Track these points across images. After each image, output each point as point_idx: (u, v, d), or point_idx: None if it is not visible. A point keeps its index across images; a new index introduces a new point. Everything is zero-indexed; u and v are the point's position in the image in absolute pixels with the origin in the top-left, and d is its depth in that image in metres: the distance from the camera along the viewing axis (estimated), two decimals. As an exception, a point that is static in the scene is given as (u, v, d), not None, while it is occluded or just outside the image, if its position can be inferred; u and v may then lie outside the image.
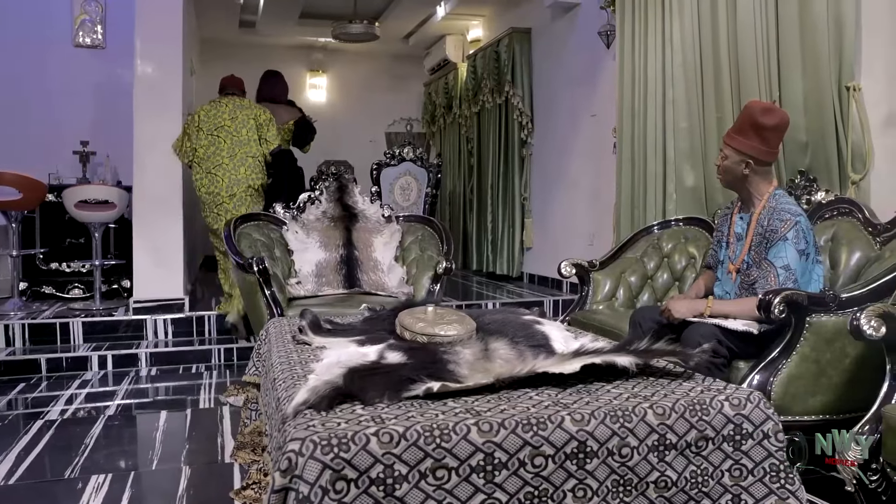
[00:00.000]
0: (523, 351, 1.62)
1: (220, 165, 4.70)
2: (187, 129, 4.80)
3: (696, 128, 4.03)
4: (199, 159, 4.74)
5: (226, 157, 4.71)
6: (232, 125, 4.76)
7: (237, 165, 4.73)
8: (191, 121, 4.81)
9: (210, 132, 4.73)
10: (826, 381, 2.35)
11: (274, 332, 2.29)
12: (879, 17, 3.10)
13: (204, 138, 4.73)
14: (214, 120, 4.75)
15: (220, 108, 4.81)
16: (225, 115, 4.78)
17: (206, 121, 4.75)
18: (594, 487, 1.25)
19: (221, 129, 4.74)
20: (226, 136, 4.73)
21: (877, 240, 2.77)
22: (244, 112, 4.83)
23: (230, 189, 4.71)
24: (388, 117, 9.43)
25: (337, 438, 1.18)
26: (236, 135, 4.75)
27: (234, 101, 4.88)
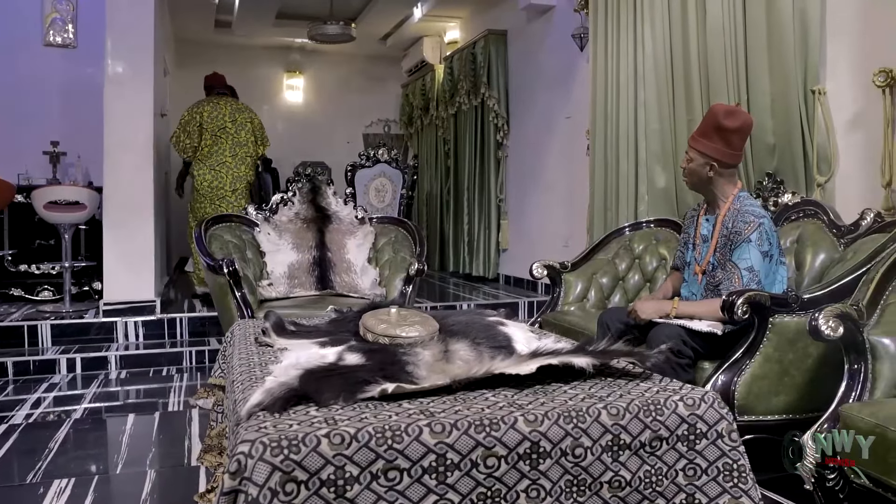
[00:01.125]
0: (484, 352, 1.62)
1: (224, 163, 5.30)
2: (187, 126, 5.25)
3: (667, 129, 4.06)
4: (202, 157, 5.29)
5: (228, 155, 5.31)
6: (232, 127, 5.32)
7: (238, 164, 5.35)
8: (190, 119, 5.25)
9: (213, 133, 5.27)
10: (789, 381, 2.38)
11: (238, 334, 2.27)
12: (843, 22, 3.15)
13: (208, 138, 5.26)
14: (216, 122, 5.28)
15: (221, 111, 5.33)
16: (226, 118, 5.32)
17: (208, 122, 5.26)
18: (547, 488, 1.25)
19: (223, 130, 5.29)
20: (227, 136, 5.30)
21: (841, 241, 2.81)
22: (242, 115, 5.39)
23: (233, 185, 5.33)
24: (365, 118, 9.42)
25: (287, 440, 1.17)
26: (236, 136, 5.32)
27: (231, 103, 5.42)
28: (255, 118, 5.48)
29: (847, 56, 3.14)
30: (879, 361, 1.93)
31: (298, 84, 9.20)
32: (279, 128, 9.25)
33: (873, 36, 3.00)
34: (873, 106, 2.98)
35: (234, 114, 5.34)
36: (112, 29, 4.72)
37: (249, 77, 8.89)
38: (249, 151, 5.40)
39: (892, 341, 1.95)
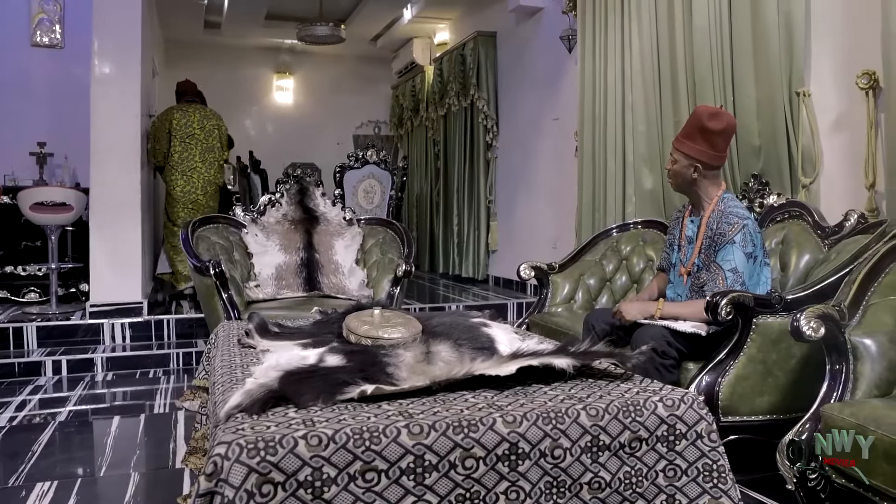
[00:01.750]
0: (465, 354, 1.62)
1: (195, 169, 5.49)
2: (156, 133, 5.42)
3: (653, 131, 4.07)
4: (173, 162, 5.43)
5: (198, 161, 5.50)
6: (201, 134, 5.51)
7: (208, 168, 5.56)
8: (160, 126, 5.43)
9: (182, 139, 5.44)
10: (773, 382, 2.39)
11: (223, 336, 2.27)
12: (827, 25, 3.17)
13: (178, 144, 5.43)
14: (186, 129, 5.45)
15: (190, 117, 5.50)
16: (195, 125, 5.49)
17: (178, 129, 5.43)
18: (527, 489, 1.25)
19: (192, 136, 5.47)
20: (196, 143, 5.49)
21: (825, 242, 2.82)
22: (210, 122, 5.59)
23: (205, 188, 5.55)
24: (355, 120, 9.41)
25: (264, 442, 1.17)
26: (205, 142, 5.52)
27: (200, 110, 5.60)
28: (223, 125, 5.74)
29: (831, 58, 3.16)
30: (861, 362, 1.94)
31: (288, 85, 9.19)
32: (269, 129, 9.23)
33: (856, 38, 3.02)
34: (857, 108, 3.00)
35: (202, 121, 5.54)
36: (99, 29, 4.69)
37: (239, 78, 8.88)
38: (217, 157, 5.64)
39: (874, 342, 1.96)
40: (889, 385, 1.92)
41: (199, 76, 8.37)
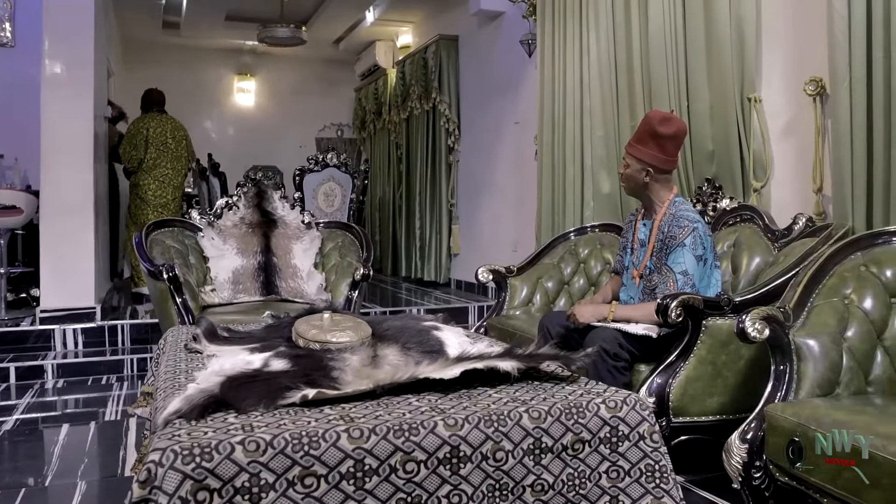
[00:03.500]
0: (413, 357, 1.61)
1: (166, 175, 5.83)
2: (133, 139, 5.70)
3: (611, 136, 4.12)
4: (147, 168, 5.74)
5: (169, 168, 5.84)
6: (173, 143, 5.84)
7: (176, 175, 5.92)
8: (136, 133, 5.72)
9: (157, 147, 5.76)
10: (722, 383, 2.43)
11: (171, 341, 2.23)
12: (777, 32, 3.23)
13: (153, 151, 5.74)
14: (160, 137, 5.79)
15: (164, 127, 5.84)
16: (167, 134, 5.83)
17: (153, 137, 5.75)
18: (469, 492, 1.25)
19: (165, 145, 5.80)
20: (168, 151, 5.83)
21: (775, 245, 2.87)
22: (180, 133, 5.95)
23: (174, 193, 5.88)
24: (318, 122, 9.35)
25: (200, 448, 1.15)
26: (175, 151, 5.86)
27: (171, 120, 5.93)
28: (188, 135, 6.09)
29: (781, 65, 3.23)
30: (804, 362, 1.98)
31: (250, 87, 9.10)
32: (230, 131, 9.13)
33: (804, 46, 3.09)
34: (805, 114, 3.06)
35: (174, 131, 5.88)
36: (49, 28, 4.58)
37: (199, 79, 8.77)
38: (184, 165, 6.01)
39: (817, 342, 2.00)
40: (831, 385, 1.96)
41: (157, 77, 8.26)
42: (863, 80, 2.61)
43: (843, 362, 2.00)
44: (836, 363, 1.98)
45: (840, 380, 1.98)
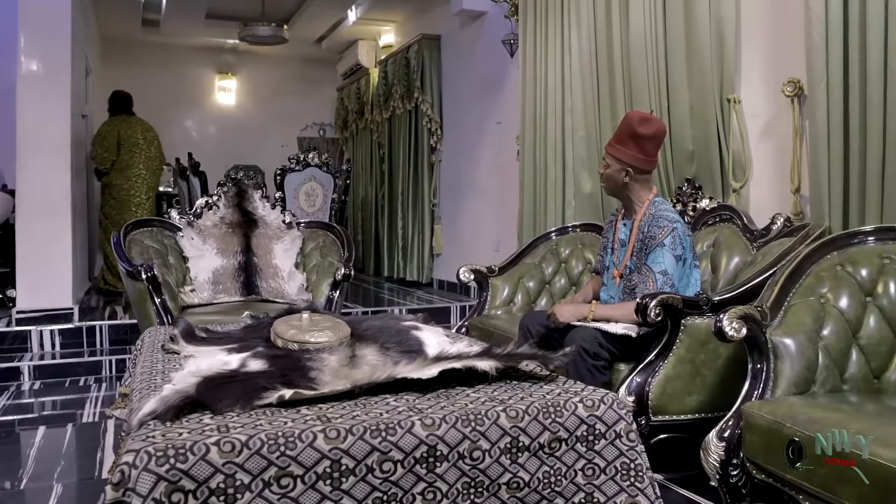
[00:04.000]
0: (392, 357, 1.61)
1: (140, 174, 5.99)
2: (104, 141, 5.82)
3: (592, 136, 4.13)
4: (120, 168, 5.88)
5: (142, 168, 6.00)
6: (144, 143, 6.01)
7: (150, 175, 6.10)
8: (107, 134, 5.85)
9: (129, 148, 5.90)
10: (701, 381, 2.44)
11: (148, 342, 2.21)
12: (756, 33, 3.26)
13: (125, 153, 5.88)
14: (131, 138, 5.92)
15: (134, 128, 5.99)
16: (138, 135, 5.98)
17: (125, 138, 5.88)
18: (444, 490, 1.25)
19: (137, 145, 5.95)
20: (140, 151, 5.98)
21: (753, 245, 2.90)
22: (150, 133, 6.11)
23: (147, 193, 6.08)
24: (300, 122, 9.31)
25: (174, 449, 1.14)
26: (147, 151, 6.03)
27: (141, 122, 6.08)
28: (158, 136, 6.25)
29: (760, 66, 3.25)
30: (781, 361, 2.00)
31: (231, 86, 9.04)
32: (211, 130, 9.07)
33: (783, 47, 3.11)
34: (783, 115, 3.09)
35: (144, 132, 6.04)
36: (25, 25, 4.52)
37: (179, 78, 8.70)
38: (157, 165, 6.19)
39: (793, 341, 2.02)
40: (807, 383, 1.98)
41: (137, 75, 8.22)
42: (839, 82, 2.64)
43: (819, 361, 2.02)
44: (812, 362, 2.00)
45: (816, 378, 2.00)
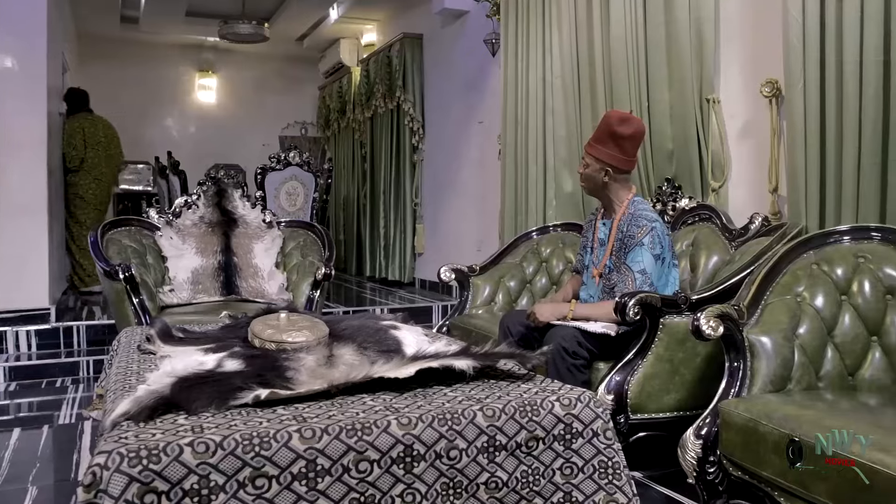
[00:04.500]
0: (369, 356, 1.60)
1: (104, 173, 5.96)
2: (72, 140, 5.72)
3: (573, 135, 4.14)
4: (87, 167, 5.82)
5: (104, 167, 5.96)
6: (105, 142, 5.95)
7: (111, 173, 6.12)
8: (75, 133, 5.75)
9: (93, 146, 5.84)
10: (679, 380, 2.46)
11: (124, 342, 2.18)
12: (735, 34, 3.28)
13: (91, 151, 5.82)
14: (95, 136, 5.88)
15: (96, 126, 5.94)
16: (100, 134, 5.93)
17: (90, 136, 5.84)
18: (423, 491, 1.24)
19: (100, 144, 5.90)
20: (103, 150, 5.93)
21: (732, 244, 2.92)
22: (110, 131, 6.08)
23: (109, 191, 6.16)
24: (282, 121, 9.26)
25: (147, 450, 1.13)
26: (107, 150, 5.98)
27: (101, 119, 6.04)
28: (117, 134, 6.23)
29: (738, 67, 3.28)
30: (757, 359, 2.01)
31: (211, 84, 8.97)
32: (191, 129, 9.00)
33: (761, 49, 3.14)
34: (762, 115, 3.11)
35: (105, 130, 6.00)
36: (0, 21, 4.46)
37: (159, 76, 8.63)
38: (116, 162, 6.20)
39: (770, 339, 2.03)
40: (783, 381, 1.99)
41: (116, 73, 8.15)
42: (816, 83, 2.67)
43: (795, 359, 2.04)
44: (787, 360, 2.02)
45: (792, 376, 2.02)
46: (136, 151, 8.37)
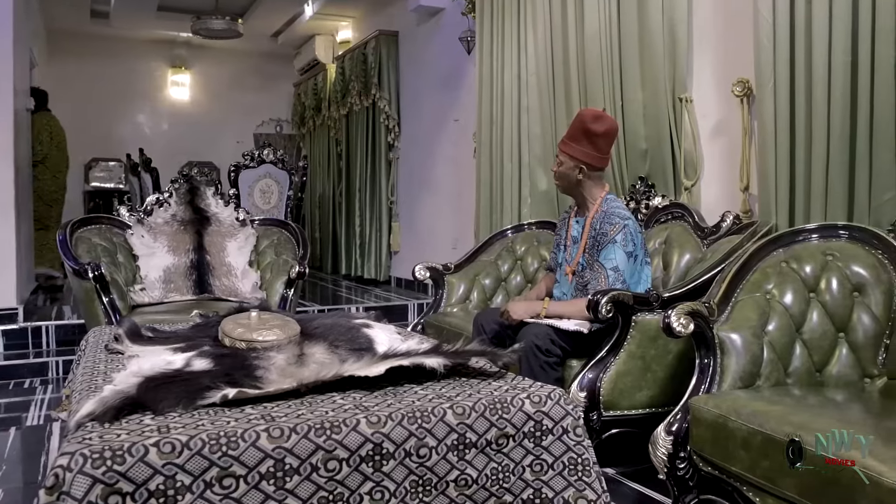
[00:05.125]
0: (340, 355, 1.59)
1: (62, 172, 6.20)
2: (39, 135, 5.85)
3: (548, 133, 4.16)
4: (50, 165, 5.99)
5: (63, 165, 6.23)
6: (63, 140, 6.20)
7: (65, 171, 6.30)
8: (42, 129, 5.90)
9: (56, 143, 6.09)
10: (651, 377, 2.48)
11: (92, 342, 2.15)
12: (707, 33, 3.31)
13: (54, 148, 6.04)
14: (60, 134, 6.15)
15: (53, 124, 6.12)
16: (61, 133, 6.19)
17: (55, 133, 6.08)
18: (391, 489, 1.24)
19: (63, 141, 6.18)
20: (64, 147, 6.19)
21: (704, 242, 2.95)
22: (62, 132, 6.25)
23: (65, 188, 6.29)
24: (256, 118, 9.18)
25: (111, 451, 1.11)
26: (61, 148, 6.17)
27: (56, 119, 6.19)
28: (65, 137, 6.34)
29: (711, 66, 3.31)
30: (727, 356, 2.03)
31: (184, 80, 8.86)
32: (164, 126, 8.89)
33: (733, 48, 3.17)
34: (733, 114, 3.14)
35: (60, 131, 6.19)
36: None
37: (130, 71, 8.51)
38: (67, 159, 6.33)
39: (739, 336, 2.05)
40: (752, 377, 2.02)
41: (86, 69, 8.03)
42: (786, 83, 2.70)
43: (764, 355, 2.06)
44: (757, 356, 2.04)
45: (761, 372, 2.04)
46: (108, 148, 8.27)
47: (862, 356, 2.09)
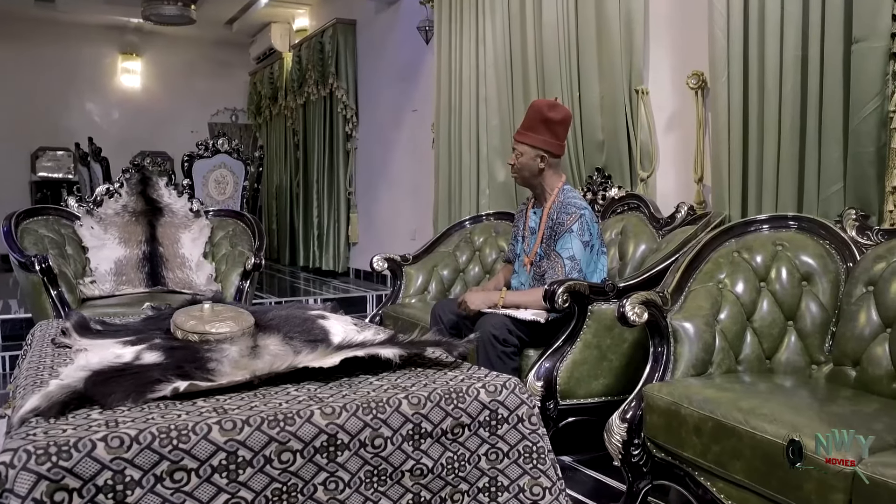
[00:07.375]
0: (295, 347, 1.57)
1: None
2: None
3: (506, 124, 4.16)
4: None
5: None
6: None
7: None
8: None
9: None
10: (607, 365, 2.51)
11: (38, 336, 2.09)
12: (663, 26, 3.35)
13: None
14: None
15: None
16: None
17: None
18: (346, 479, 1.23)
19: None
20: None
21: (659, 233, 2.99)
22: None
23: None
24: (211, 107, 9.01)
25: (57, 446, 1.08)
26: None
27: None
28: None
29: (667, 58, 3.34)
30: (680, 344, 2.07)
31: (136, 67, 8.64)
32: (114, 115, 8.66)
33: (688, 41, 3.21)
34: (688, 107, 3.19)
35: None
36: None
37: (78, 58, 8.27)
38: None
39: (692, 325, 2.09)
40: (704, 365, 2.06)
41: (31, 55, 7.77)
42: (739, 76, 2.74)
43: (716, 343, 2.10)
44: (709, 344, 2.09)
45: (713, 360, 2.08)
46: (56, 137, 8.01)
47: (809, 343, 2.14)
